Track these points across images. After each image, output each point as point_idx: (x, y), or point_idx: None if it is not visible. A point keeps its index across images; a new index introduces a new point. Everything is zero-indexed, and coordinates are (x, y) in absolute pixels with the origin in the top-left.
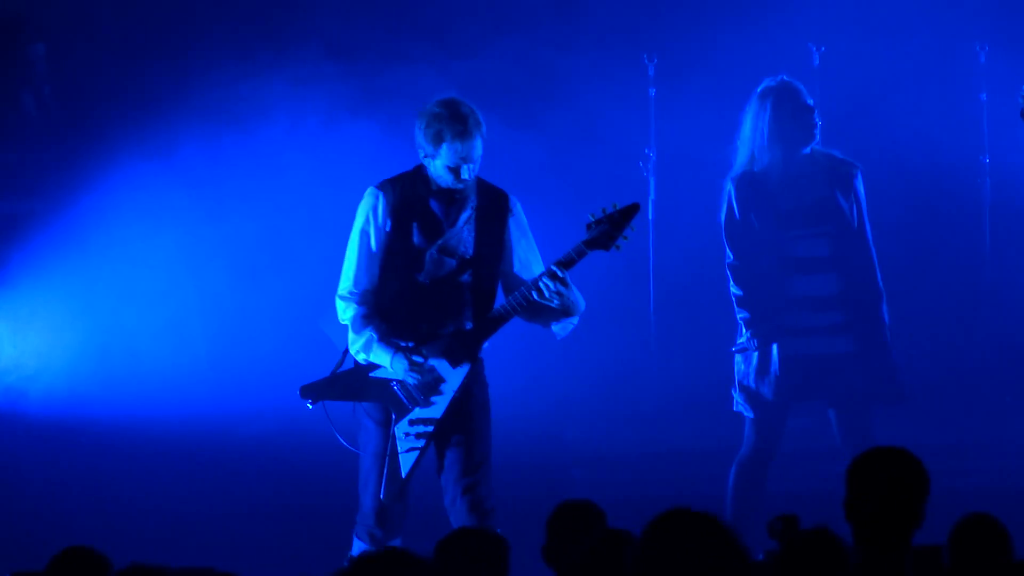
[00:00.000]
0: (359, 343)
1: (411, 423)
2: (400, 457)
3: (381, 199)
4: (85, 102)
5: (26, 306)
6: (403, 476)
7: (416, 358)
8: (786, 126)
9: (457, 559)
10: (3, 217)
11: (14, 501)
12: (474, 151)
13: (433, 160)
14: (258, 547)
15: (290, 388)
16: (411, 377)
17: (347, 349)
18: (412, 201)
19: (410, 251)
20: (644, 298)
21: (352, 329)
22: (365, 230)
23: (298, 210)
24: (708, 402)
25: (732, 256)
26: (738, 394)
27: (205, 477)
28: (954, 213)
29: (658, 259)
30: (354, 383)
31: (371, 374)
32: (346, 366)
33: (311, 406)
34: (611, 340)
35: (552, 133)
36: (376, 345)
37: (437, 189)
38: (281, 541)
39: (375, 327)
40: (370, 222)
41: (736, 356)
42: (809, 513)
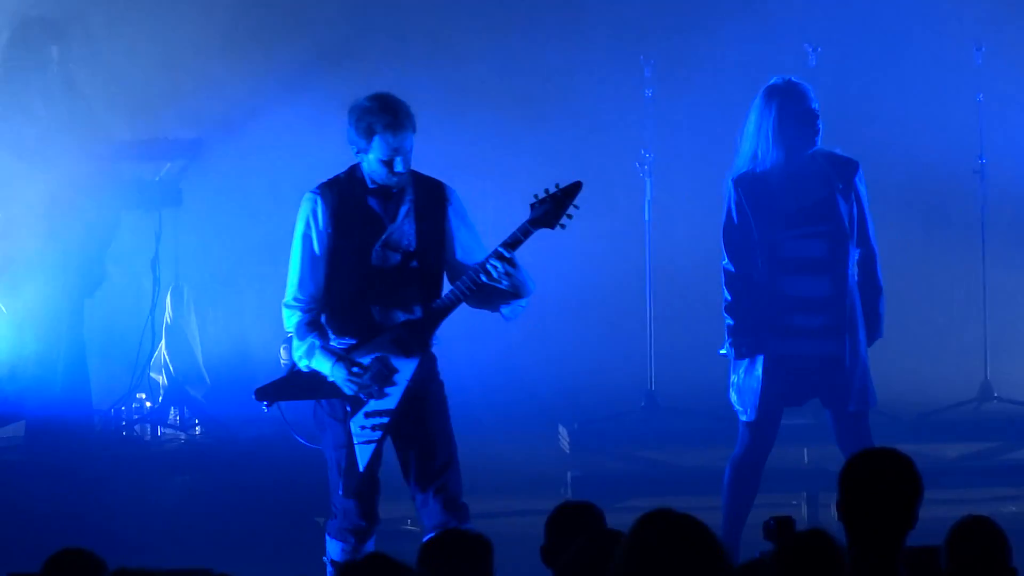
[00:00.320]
0: (302, 350)
1: (366, 415)
2: (356, 449)
3: (320, 203)
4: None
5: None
6: (359, 469)
7: (355, 369)
8: (790, 129)
9: (441, 560)
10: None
11: (10, 502)
12: (406, 142)
13: (366, 155)
14: (256, 548)
15: None
16: (348, 387)
17: None
18: (350, 202)
19: (355, 250)
20: (641, 298)
21: (296, 336)
22: (307, 235)
23: (291, 212)
24: (705, 401)
25: (727, 261)
26: (732, 394)
27: (203, 479)
28: (950, 214)
29: (655, 259)
30: (309, 381)
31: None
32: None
33: (267, 409)
34: (608, 340)
35: (548, 134)
36: (318, 352)
37: (374, 187)
38: (279, 542)
39: (318, 334)
40: (311, 227)
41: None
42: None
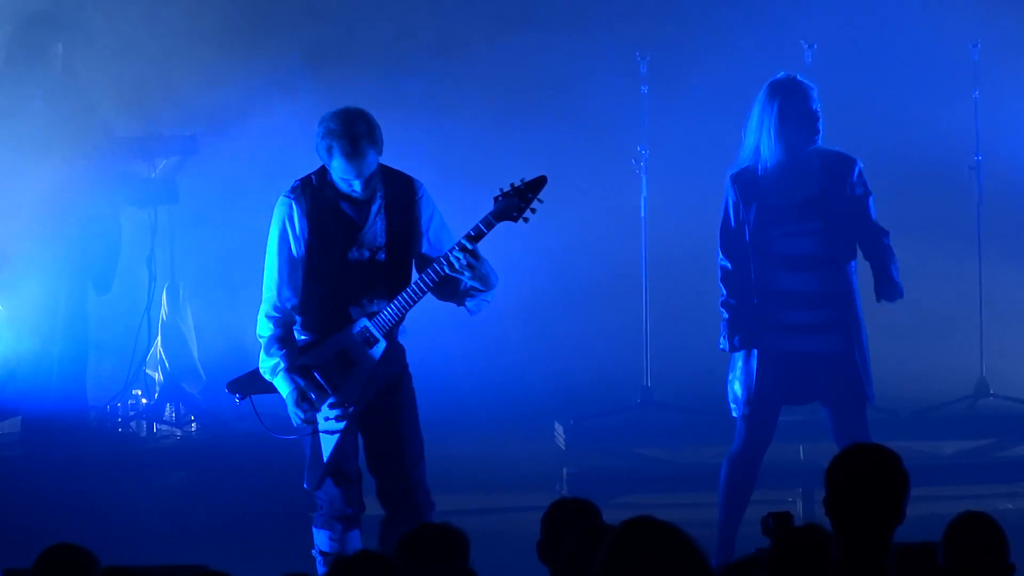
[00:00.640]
0: (269, 364)
1: (331, 407)
2: (321, 439)
3: (295, 207)
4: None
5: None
6: (323, 460)
7: (305, 405)
8: (790, 127)
9: (419, 554)
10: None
11: (5, 498)
12: (364, 168)
13: (329, 167)
14: (251, 544)
15: None
16: (295, 417)
17: None
18: (324, 206)
19: (330, 252)
20: (637, 295)
21: (265, 348)
22: (284, 239)
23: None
24: (700, 398)
25: (722, 257)
26: (728, 390)
27: (198, 475)
28: (946, 211)
29: (650, 256)
30: None
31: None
32: None
33: (239, 401)
34: (604, 337)
35: (544, 130)
36: (283, 374)
37: (343, 191)
38: (274, 538)
39: (285, 354)
40: (287, 231)
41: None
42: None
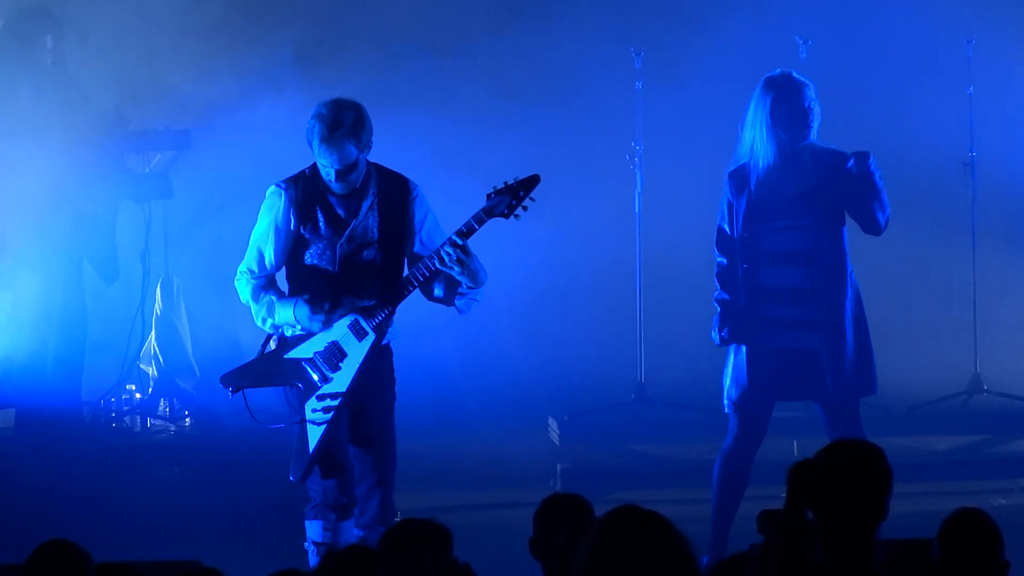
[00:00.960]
0: (262, 310)
1: (319, 398)
2: (308, 430)
3: (284, 197)
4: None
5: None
6: (309, 451)
7: (316, 305)
8: (781, 123)
9: (401, 550)
10: None
11: None
12: (341, 158)
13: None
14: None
15: None
16: (316, 322)
17: (270, 336)
18: (314, 197)
19: (319, 243)
20: (631, 290)
21: (253, 300)
22: (266, 228)
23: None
24: (694, 394)
25: (717, 253)
26: (722, 385)
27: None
28: (941, 207)
29: (645, 251)
30: (268, 367)
31: (285, 355)
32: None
33: (232, 395)
34: (598, 332)
35: (539, 125)
36: (277, 304)
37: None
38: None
39: (274, 291)
40: (272, 222)
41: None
42: None
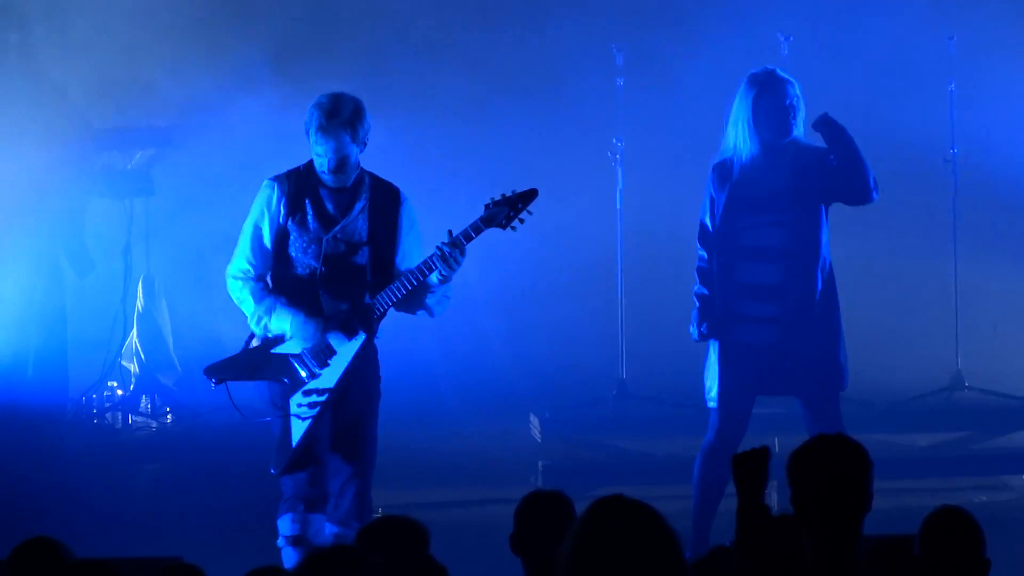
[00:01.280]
0: (260, 310)
1: (305, 394)
2: (292, 424)
3: (276, 191)
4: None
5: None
6: (292, 446)
7: (309, 326)
8: (763, 120)
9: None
10: None
11: None
12: (332, 146)
13: (311, 148)
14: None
15: None
16: (307, 342)
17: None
18: (306, 192)
19: (308, 239)
20: (612, 287)
21: (253, 299)
22: (259, 221)
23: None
24: (676, 390)
25: (699, 247)
26: (703, 382)
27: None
28: (922, 203)
29: (626, 248)
30: (254, 361)
31: (272, 350)
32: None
33: (215, 386)
34: (579, 328)
35: (520, 123)
36: (279, 308)
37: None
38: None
39: (277, 296)
40: (264, 214)
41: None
42: None
